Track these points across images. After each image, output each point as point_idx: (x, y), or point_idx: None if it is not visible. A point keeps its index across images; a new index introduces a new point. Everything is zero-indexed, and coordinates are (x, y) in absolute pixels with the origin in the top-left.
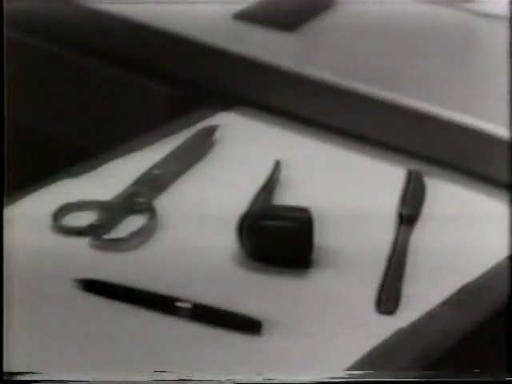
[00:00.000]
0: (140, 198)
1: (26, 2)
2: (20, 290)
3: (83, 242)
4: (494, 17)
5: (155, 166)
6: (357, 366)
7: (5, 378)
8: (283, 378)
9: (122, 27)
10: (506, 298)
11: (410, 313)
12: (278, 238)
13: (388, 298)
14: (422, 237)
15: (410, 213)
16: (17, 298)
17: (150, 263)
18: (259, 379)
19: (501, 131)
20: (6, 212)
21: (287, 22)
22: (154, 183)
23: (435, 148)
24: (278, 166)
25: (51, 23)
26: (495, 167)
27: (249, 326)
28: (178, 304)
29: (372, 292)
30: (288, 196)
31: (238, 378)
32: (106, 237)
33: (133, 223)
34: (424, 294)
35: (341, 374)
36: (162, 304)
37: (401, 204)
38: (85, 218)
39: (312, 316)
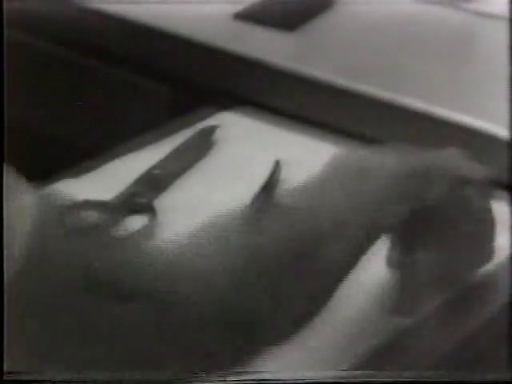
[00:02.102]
0: (140, 198)
1: (26, 2)
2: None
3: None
4: (494, 17)
5: (155, 166)
6: (357, 366)
7: (5, 377)
8: (283, 378)
9: (122, 27)
10: (507, 298)
11: (410, 313)
12: None
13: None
14: None
15: None
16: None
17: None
18: (259, 379)
19: (501, 131)
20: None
21: (287, 21)
22: (153, 183)
23: (435, 148)
24: (278, 166)
25: (51, 23)
26: (495, 167)
27: None
28: None
29: (372, 292)
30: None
31: (238, 377)
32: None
33: (133, 223)
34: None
35: (341, 374)
36: None
37: None
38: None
39: None
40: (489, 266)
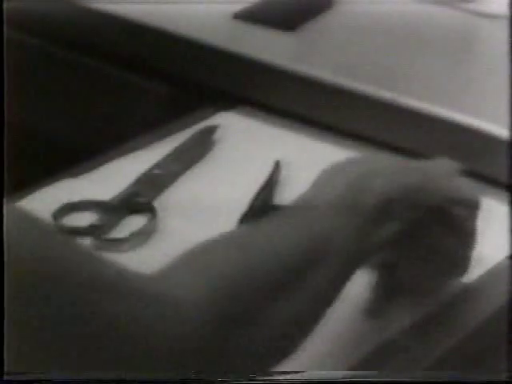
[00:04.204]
0: (140, 198)
1: (26, 2)
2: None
3: (83, 242)
4: (494, 17)
5: (155, 166)
6: (357, 366)
7: (5, 377)
8: (283, 378)
9: (122, 27)
10: (506, 298)
11: (410, 313)
12: None
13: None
14: None
15: None
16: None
17: (149, 263)
18: (259, 379)
19: (501, 131)
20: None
21: (287, 21)
22: (153, 183)
23: (435, 148)
24: (277, 165)
25: (51, 23)
26: (495, 167)
27: None
28: None
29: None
30: (288, 196)
31: (238, 377)
32: (105, 237)
33: (133, 223)
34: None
35: (341, 374)
36: None
37: None
38: (85, 218)
39: None
40: (489, 266)
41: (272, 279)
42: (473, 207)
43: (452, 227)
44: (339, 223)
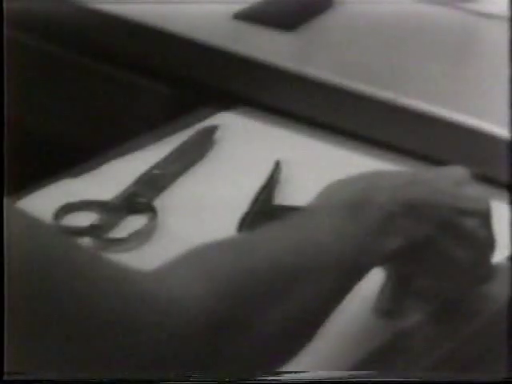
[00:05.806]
0: (140, 198)
1: (26, 2)
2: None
3: (83, 242)
4: (494, 17)
5: (155, 166)
6: (357, 366)
7: (5, 377)
8: (283, 378)
9: (122, 27)
10: (507, 299)
11: (409, 313)
12: None
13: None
14: None
15: None
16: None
17: (150, 263)
18: (259, 379)
19: (501, 131)
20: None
21: (287, 21)
22: (154, 183)
23: (435, 148)
24: (277, 166)
25: (51, 23)
26: (495, 167)
27: None
28: None
29: (372, 292)
30: (288, 196)
31: (240, 377)
32: (106, 237)
33: (133, 223)
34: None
35: (341, 374)
36: None
37: None
38: (85, 218)
39: None
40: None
41: (269, 285)
42: (484, 215)
43: (463, 237)
44: (340, 234)
